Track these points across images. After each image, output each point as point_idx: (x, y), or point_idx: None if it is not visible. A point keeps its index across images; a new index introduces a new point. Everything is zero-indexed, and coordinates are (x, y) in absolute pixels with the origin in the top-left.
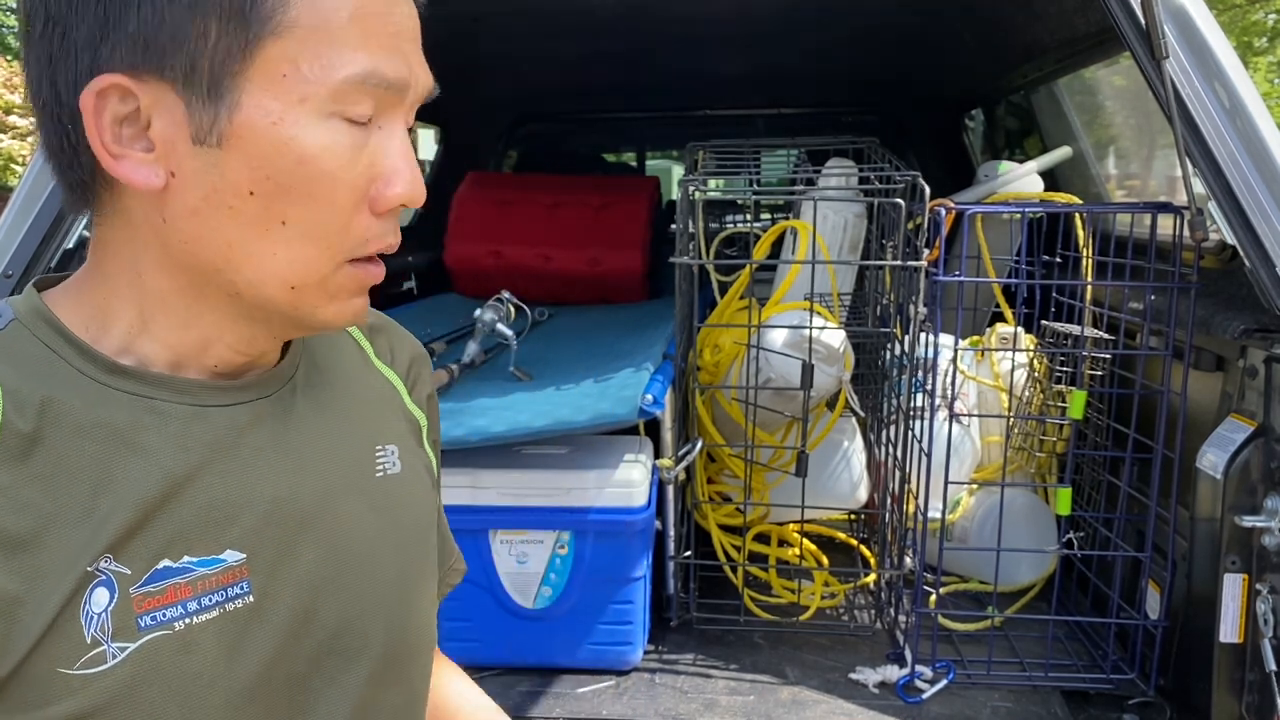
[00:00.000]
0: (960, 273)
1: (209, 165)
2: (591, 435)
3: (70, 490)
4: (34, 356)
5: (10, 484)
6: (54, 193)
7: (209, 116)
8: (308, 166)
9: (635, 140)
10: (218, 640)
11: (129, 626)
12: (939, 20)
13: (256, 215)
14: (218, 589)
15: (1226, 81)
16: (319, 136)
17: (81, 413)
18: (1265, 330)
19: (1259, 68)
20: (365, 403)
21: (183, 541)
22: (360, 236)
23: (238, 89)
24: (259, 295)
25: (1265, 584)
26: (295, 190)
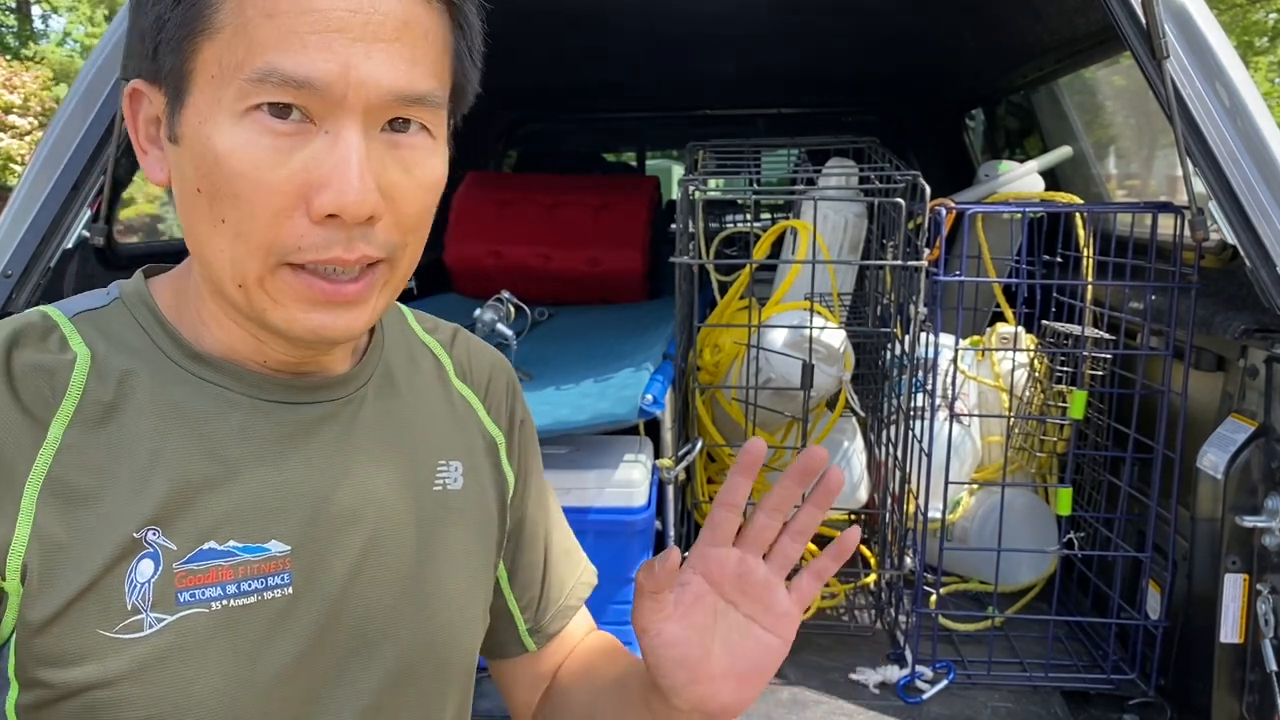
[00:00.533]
0: (960, 273)
1: (176, 163)
2: (591, 435)
3: (130, 460)
4: (127, 333)
5: (82, 444)
6: (54, 192)
7: (175, 116)
8: (223, 166)
9: (635, 140)
10: (251, 626)
11: (168, 599)
12: (939, 20)
13: (205, 213)
14: (258, 576)
15: (1227, 81)
16: (233, 136)
17: (156, 390)
18: (1266, 330)
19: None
20: (436, 417)
21: (230, 526)
22: (290, 243)
23: (187, 90)
24: (224, 293)
25: (1266, 584)
26: (223, 190)
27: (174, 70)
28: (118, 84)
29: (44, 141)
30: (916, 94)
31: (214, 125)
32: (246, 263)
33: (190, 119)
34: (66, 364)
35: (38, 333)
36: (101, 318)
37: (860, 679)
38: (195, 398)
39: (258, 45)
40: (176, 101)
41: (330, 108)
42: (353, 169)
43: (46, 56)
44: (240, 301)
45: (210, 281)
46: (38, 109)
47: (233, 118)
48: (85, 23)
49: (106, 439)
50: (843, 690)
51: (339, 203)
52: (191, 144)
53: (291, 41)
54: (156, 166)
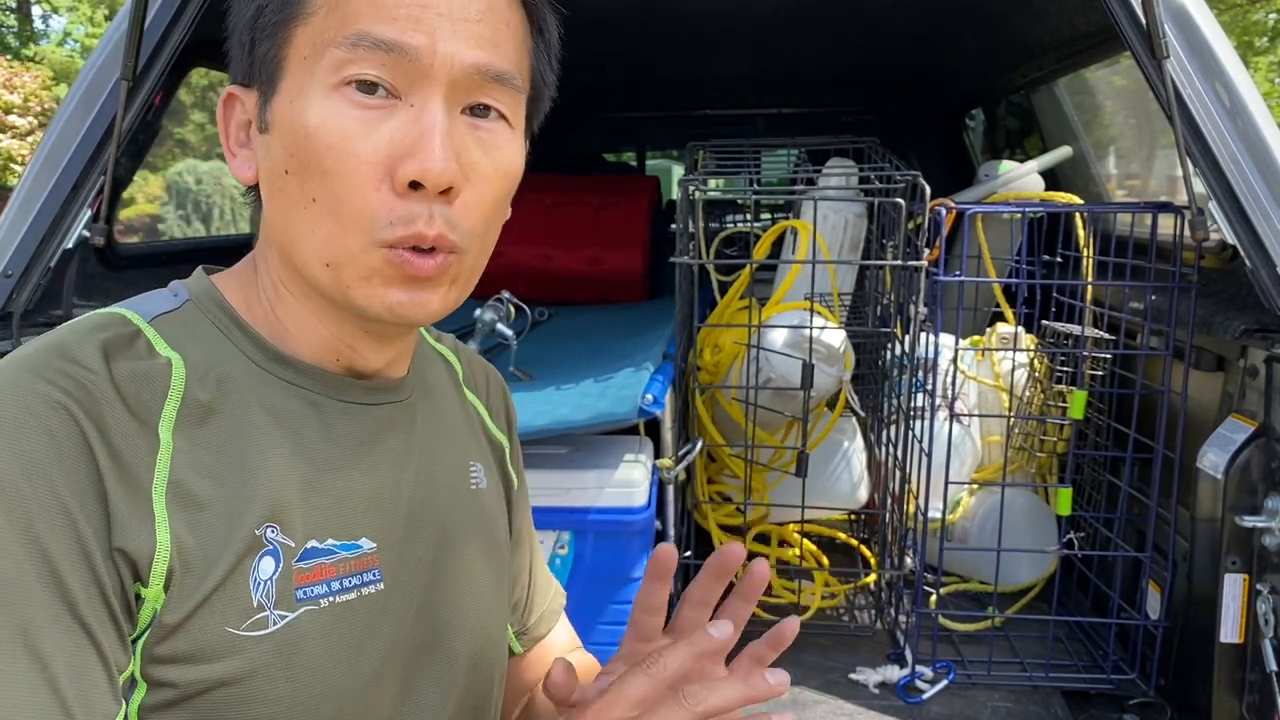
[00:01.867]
0: (960, 273)
1: (266, 151)
2: (591, 435)
3: (235, 460)
4: (208, 335)
5: (190, 447)
6: (54, 192)
7: (265, 106)
8: (314, 140)
9: (635, 140)
10: (355, 621)
11: (289, 596)
12: (939, 20)
13: (295, 195)
14: (355, 573)
15: (1227, 81)
16: (322, 109)
17: (249, 392)
18: (1266, 330)
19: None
20: (459, 421)
21: (327, 524)
22: (383, 217)
23: (279, 77)
24: (310, 276)
25: (1266, 584)
26: (312, 166)
27: (268, 58)
28: (118, 84)
29: (44, 141)
30: (916, 94)
31: (305, 101)
32: (339, 240)
33: (282, 103)
34: (162, 369)
35: (125, 339)
36: (179, 320)
37: (860, 679)
38: (283, 399)
39: (350, 17)
40: (269, 90)
41: (415, 79)
42: (436, 138)
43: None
44: (326, 282)
45: (293, 268)
46: (38, 109)
47: (324, 92)
48: (85, 23)
49: (211, 440)
50: (843, 690)
51: (422, 168)
52: (282, 125)
53: (382, 12)
54: (245, 165)
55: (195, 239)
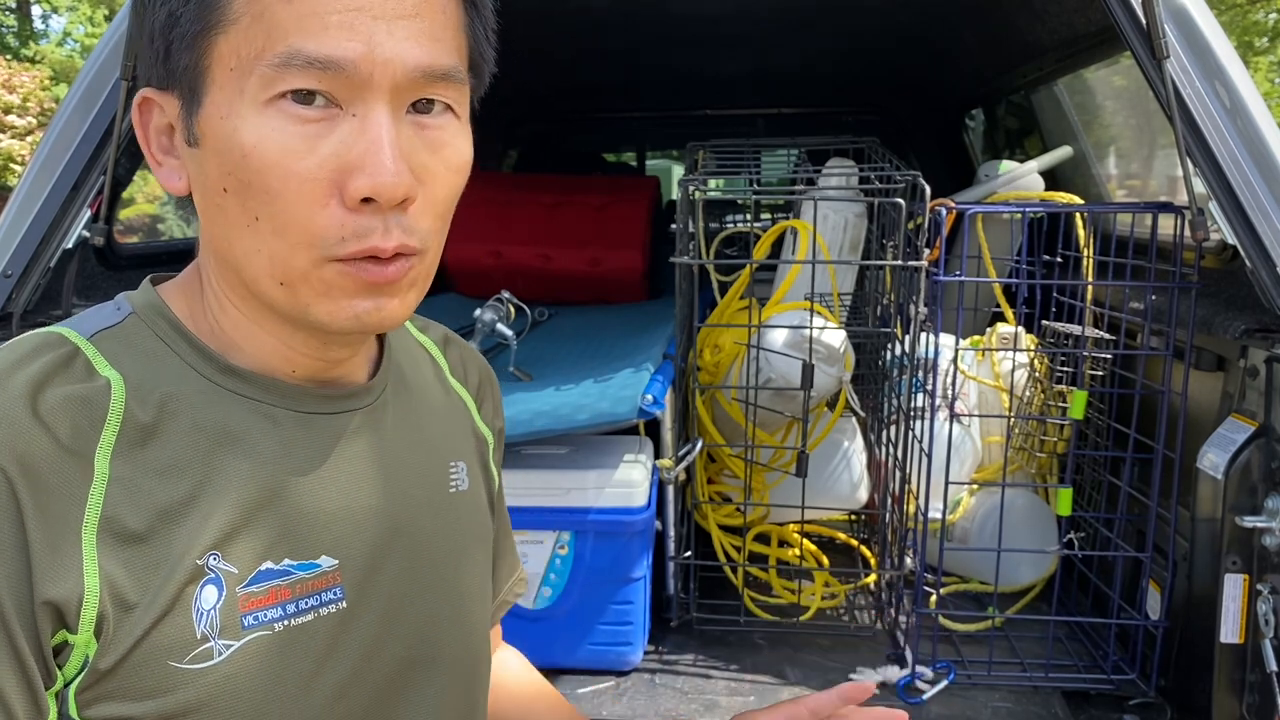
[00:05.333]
0: (960, 273)
1: (197, 166)
2: (591, 435)
3: (180, 485)
4: (152, 351)
5: (130, 475)
6: (54, 192)
7: (191, 118)
8: (252, 159)
9: (635, 140)
10: (313, 643)
11: (234, 624)
12: (939, 20)
13: (235, 214)
14: (313, 593)
15: (1227, 81)
16: (258, 127)
17: (198, 410)
18: (1266, 330)
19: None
20: (441, 418)
21: (283, 544)
22: (333, 234)
23: (203, 89)
24: (261, 293)
25: (1266, 584)
26: (254, 185)
27: (189, 69)
28: (118, 84)
29: (44, 141)
30: (916, 94)
31: (238, 119)
32: (289, 259)
33: (210, 117)
34: (101, 391)
35: (60, 362)
36: (120, 336)
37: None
38: (235, 414)
39: (277, 30)
40: (193, 102)
41: (356, 89)
42: (385, 149)
43: (46, 56)
44: (282, 300)
45: (243, 285)
46: (37, 109)
47: (256, 108)
48: (85, 23)
49: (153, 465)
50: None
51: (374, 185)
52: (214, 142)
53: (312, 23)
54: (173, 175)
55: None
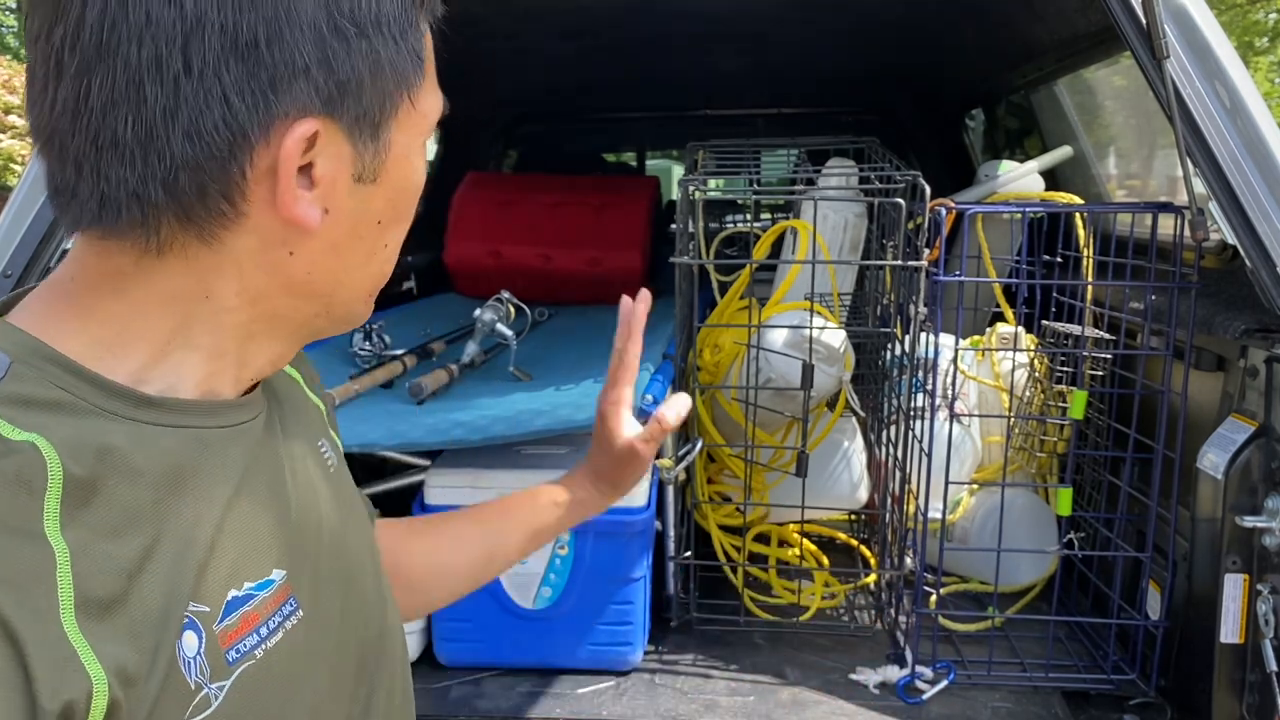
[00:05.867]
0: (960, 273)
1: (361, 201)
2: (591, 435)
3: (135, 540)
4: (56, 402)
5: (85, 541)
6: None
7: (370, 155)
8: (418, 191)
9: (635, 140)
10: (290, 659)
11: (221, 664)
12: (939, 20)
13: (374, 241)
14: (276, 611)
15: (1227, 81)
16: (420, 164)
17: (131, 455)
18: (1266, 330)
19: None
20: (292, 402)
21: (240, 569)
22: None
23: (389, 129)
24: (347, 310)
25: (1266, 584)
26: (405, 214)
27: (383, 108)
28: None
29: None
30: (916, 94)
31: (416, 158)
32: (388, 272)
33: (396, 157)
34: (31, 457)
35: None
36: (14, 393)
37: (860, 679)
38: (173, 450)
39: (432, 83)
40: (376, 140)
41: None
42: None
43: None
44: (361, 309)
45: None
46: None
47: (420, 148)
48: None
49: (103, 524)
50: (843, 690)
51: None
52: (394, 179)
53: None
54: (309, 209)
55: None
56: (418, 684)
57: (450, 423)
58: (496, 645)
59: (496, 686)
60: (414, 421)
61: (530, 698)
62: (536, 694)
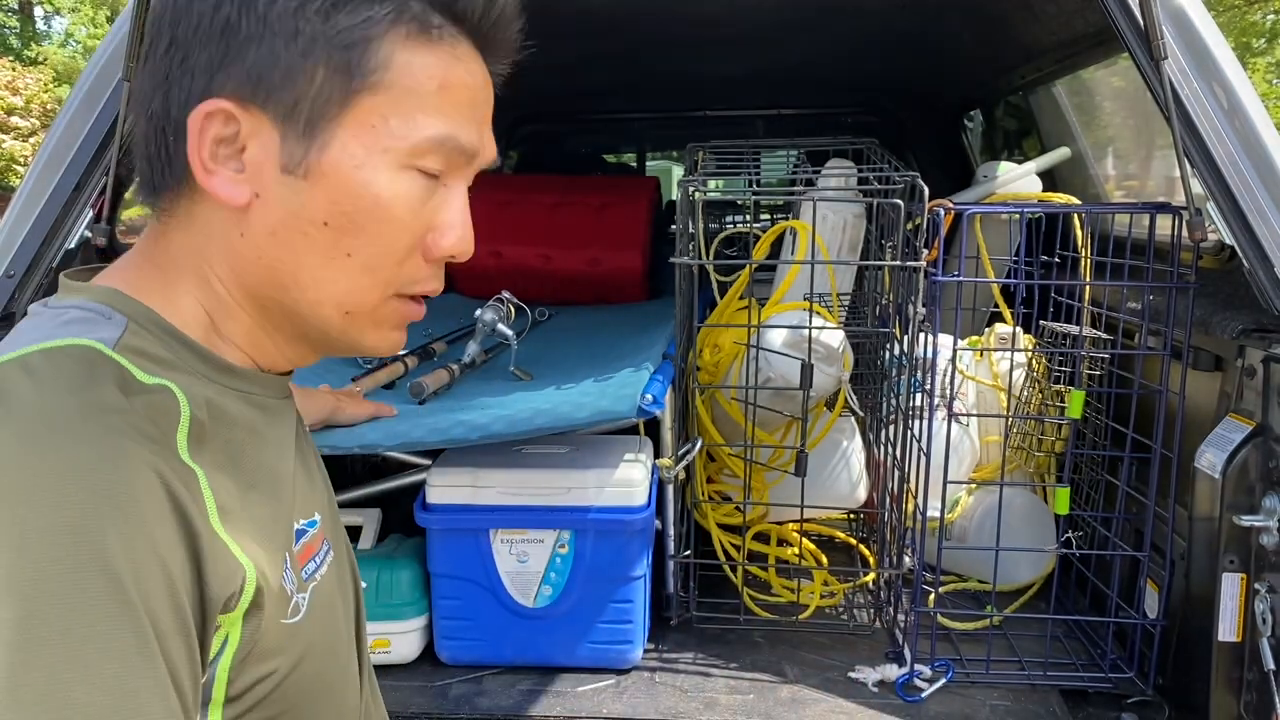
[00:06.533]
0: (959, 273)
1: (292, 193)
2: (591, 435)
3: (240, 474)
4: (165, 360)
5: (209, 469)
6: (56, 193)
7: (300, 151)
8: (380, 210)
9: (635, 140)
10: (331, 589)
11: (301, 580)
12: (939, 21)
13: (327, 244)
14: (320, 547)
15: (1225, 82)
16: (394, 185)
17: (227, 408)
18: (1263, 330)
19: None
20: None
21: (299, 507)
22: (410, 276)
23: (329, 131)
24: (317, 316)
25: (1263, 583)
26: (366, 228)
27: (318, 108)
28: (120, 85)
29: (46, 142)
30: (916, 95)
31: (374, 171)
32: (368, 293)
33: (337, 160)
34: (168, 395)
35: (118, 372)
36: (135, 348)
37: (859, 677)
38: (246, 410)
39: (433, 112)
40: (310, 138)
41: (461, 168)
42: (468, 222)
43: (49, 57)
44: (335, 325)
45: (295, 304)
46: (40, 111)
47: (395, 169)
48: (88, 24)
49: (217, 460)
50: (841, 689)
51: (462, 248)
52: (335, 182)
53: (460, 114)
54: (232, 187)
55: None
56: (418, 682)
57: (451, 422)
58: (497, 643)
59: (497, 685)
60: (415, 421)
61: (530, 696)
62: (537, 692)
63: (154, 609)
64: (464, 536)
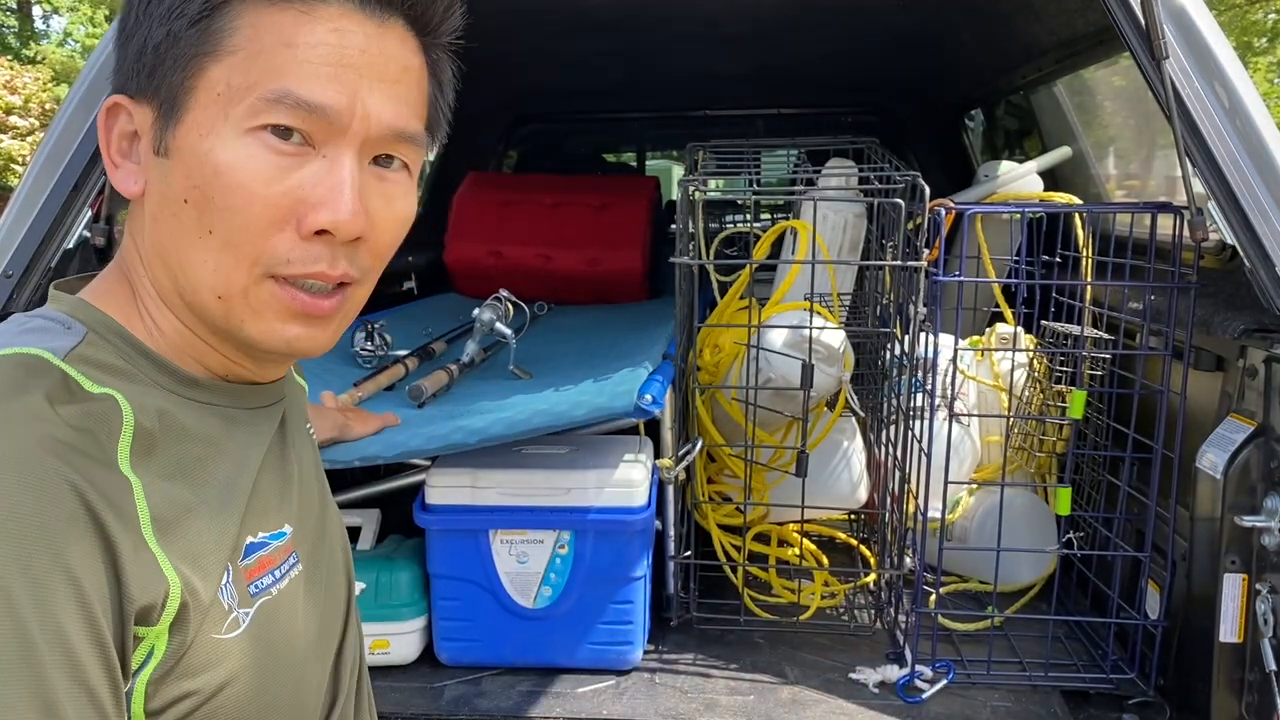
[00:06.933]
0: (960, 273)
1: (162, 175)
2: (592, 435)
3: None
4: (120, 370)
5: (151, 480)
6: (54, 193)
7: (163, 131)
8: (223, 178)
9: (635, 140)
10: (291, 604)
11: (245, 594)
12: (939, 20)
13: (191, 224)
14: (283, 560)
15: (1226, 81)
16: (235, 150)
17: (181, 419)
18: (1265, 330)
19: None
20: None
21: (257, 519)
22: (280, 255)
23: (185, 106)
24: (197, 303)
25: (1265, 584)
26: (216, 200)
27: (175, 85)
28: None
29: (45, 142)
30: (916, 94)
31: (216, 139)
32: (232, 273)
33: (188, 133)
34: (111, 406)
35: (58, 381)
36: (88, 357)
37: (860, 678)
38: (207, 422)
39: (273, 70)
40: (170, 116)
41: (333, 135)
42: (348, 191)
43: (47, 57)
44: (217, 314)
45: (183, 293)
46: (39, 110)
47: (237, 134)
48: (86, 23)
49: (163, 470)
50: (842, 690)
51: (333, 220)
52: (186, 156)
53: (306, 70)
54: (130, 179)
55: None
56: (418, 683)
57: (450, 428)
58: (496, 644)
59: (496, 686)
60: (414, 430)
61: (530, 697)
62: (536, 693)
63: (59, 621)
64: (463, 537)
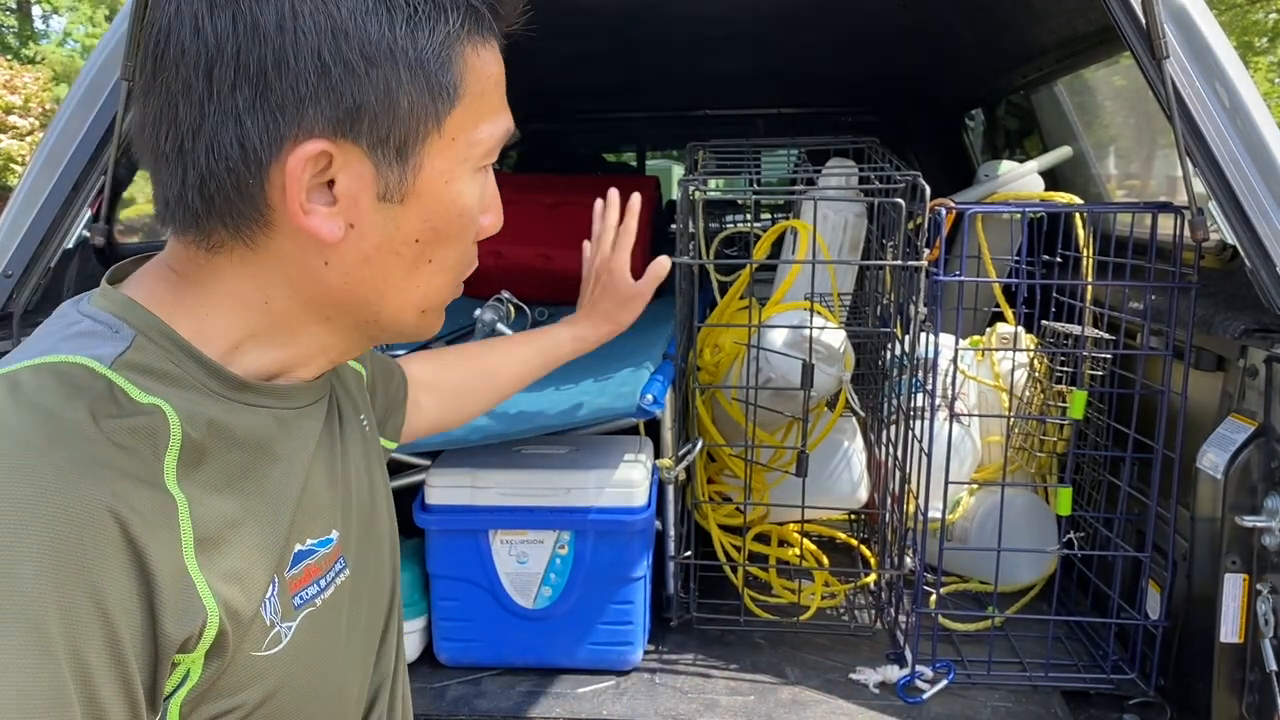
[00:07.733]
0: (960, 273)
1: (389, 219)
2: (592, 435)
3: (234, 500)
4: (171, 375)
5: (199, 494)
6: (54, 192)
7: (395, 177)
8: (464, 216)
9: (635, 140)
10: (336, 611)
11: (289, 607)
12: (939, 20)
13: (414, 258)
14: (331, 566)
15: (1227, 81)
16: (473, 189)
17: (232, 427)
18: (1266, 330)
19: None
20: (343, 371)
21: (305, 526)
22: (471, 262)
23: (421, 153)
24: (396, 320)
25: (1265, 584)
26: (450, 235)
27: (413, 133)
28: (118, 84)
29: (44, 141)
30: (916, 94)
31: (461, 183)
32: (446, 290)
33: (430, 180)
34: (158, 419)
35: (104, 392)
36: (137, 364)
37: (860, 679)
38: (258, 426)
39: (490, 110)
40: (401, 162)
41: None
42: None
43: (47, 56)
44: (412, 324)
45: (377, 318)
46: (39, 110)
47: (473, 173)
48: (86, 23)
49: (211, 482)
50: (843, 690)
51: (496, 224)
52: (428, 201)
53: (503, 103)
54: (329, 224)
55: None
56: (417, 684)
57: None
58: (496, 645)
59: (496, 686)
60: None
61: (530, 697)
62: (536, 693)
63: (84, 655)
64: (463, 537)
